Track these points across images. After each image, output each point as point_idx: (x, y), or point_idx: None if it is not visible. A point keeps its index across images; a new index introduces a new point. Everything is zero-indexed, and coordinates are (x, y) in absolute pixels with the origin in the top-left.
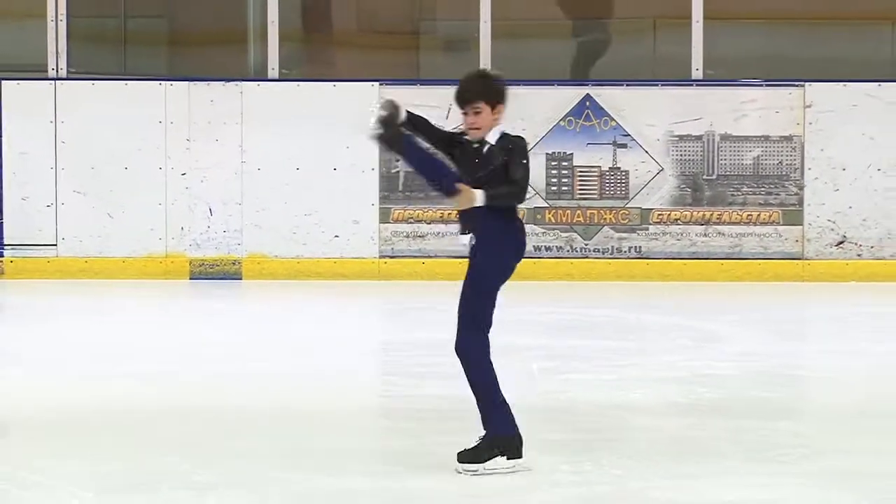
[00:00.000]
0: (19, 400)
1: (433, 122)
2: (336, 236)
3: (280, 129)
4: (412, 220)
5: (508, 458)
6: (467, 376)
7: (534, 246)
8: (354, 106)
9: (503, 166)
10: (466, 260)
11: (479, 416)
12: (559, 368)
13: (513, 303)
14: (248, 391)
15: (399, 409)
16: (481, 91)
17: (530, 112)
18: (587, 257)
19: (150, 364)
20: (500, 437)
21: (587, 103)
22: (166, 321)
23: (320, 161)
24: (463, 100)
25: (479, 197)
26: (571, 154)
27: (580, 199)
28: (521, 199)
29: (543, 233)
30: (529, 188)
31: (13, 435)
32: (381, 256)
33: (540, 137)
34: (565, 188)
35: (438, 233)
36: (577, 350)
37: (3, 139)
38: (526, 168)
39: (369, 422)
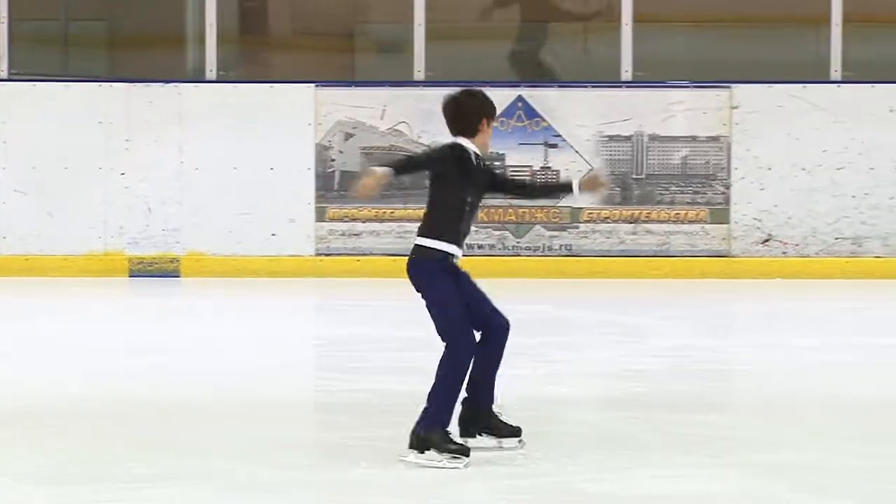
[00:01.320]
0: None
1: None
2: (273, 234)
3: (218, 130)
4: (347, 219)
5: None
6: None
7: (466, 244)
8: (291, 107)
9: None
10: (399, 258)
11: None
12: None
13: None
14: (188, 386)
15: (334, 403)
16: (484, 110)
17: None
18: (519, 255)
19: (90, 360)
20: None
21: (519, 104)
22: (106, 318)
23: (258, 161)
24: (472, 121)
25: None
26: (504, 154)
27: (512, 197)
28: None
29: (476, 231)
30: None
31: None
32: (318, 254)
33: None
34: None
35: (373, 231)
36: (508, 346)
37: None
38: (439, 153)
39: (306, 415)
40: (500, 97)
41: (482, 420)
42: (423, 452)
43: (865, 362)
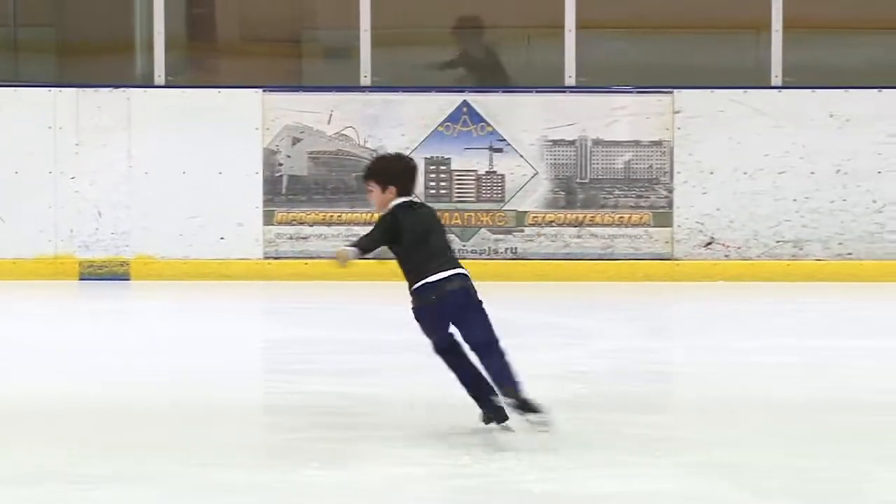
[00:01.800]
0: None
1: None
2: (222, 238)
3: (167, 135)
4: (295, 223)
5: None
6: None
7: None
8: (239, 112)
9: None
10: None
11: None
12: (435, 365)
13: (389, 302)
14: (136, 388)
15: (283, 406)
16: (371, 171)
17: (409, 117)
18: (465, 258)
19: (38, 362)
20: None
21: (464, 109)
22: (55, 321)
23: (206, 165)
24: (363, 178)
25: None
26: (449, 158)
27: (458, 201)
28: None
29: None
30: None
31: None
32: (266, 257)
33: (418, 142)
34: (443, 191)
35: (321, 234)
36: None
37: None
38: (378, 229)
39: (255, 417)
40: (445, 102)
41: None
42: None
43: (804, 363)
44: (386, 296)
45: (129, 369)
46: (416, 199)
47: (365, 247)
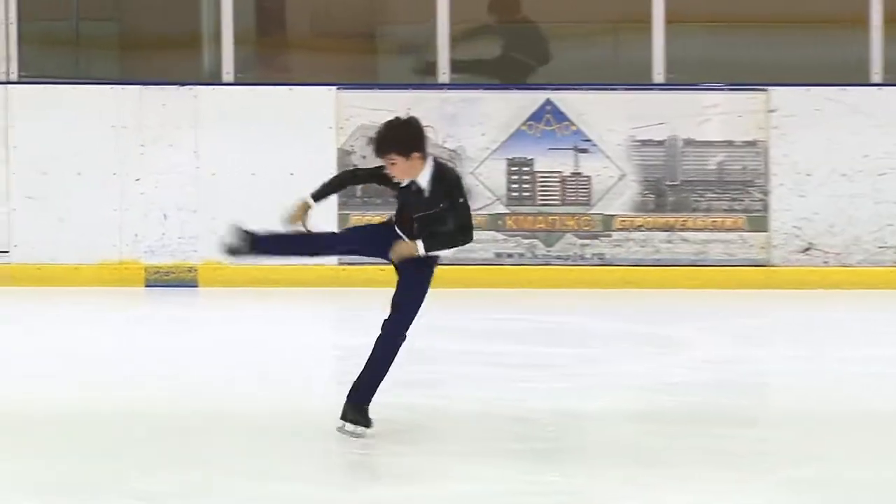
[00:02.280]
0: None
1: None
2: None
3: (235, 134)
4: None
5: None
6: (377, 352)
7: (495, 253)
8: (311, 110)
9: (448, 209)
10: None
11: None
12: (518, 376)
13: (473, 310)
14: (203, 399)
15: None
16: (391, 143)
17: (490, 116)
18: (549, 264)
19: (103, 371)
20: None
21: (547, 108)
22: (120, 329)
23: (277, 166)
24: (378, 152)
25: (419, 248)
26: (532, 159)
27: (542, 204)
28: (469, 239)
29: (504, 240)
30: (490, 194)
31: None
32: (340, 263)
33: (500, 142)
34: (526, 194)
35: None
36: (536, 358)
37: None
38: (467, 206)
39: (321, 430)
40: (527, 100)
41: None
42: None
43: None
44: (451, 304)
45: (195, 379)
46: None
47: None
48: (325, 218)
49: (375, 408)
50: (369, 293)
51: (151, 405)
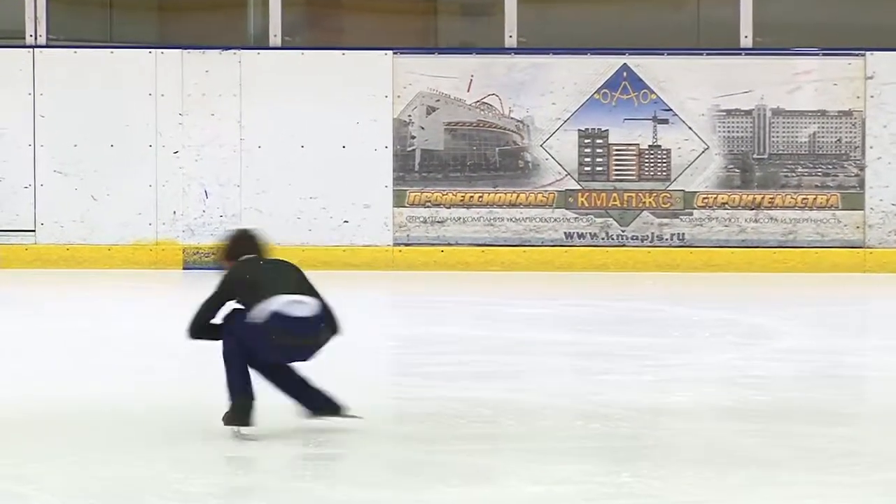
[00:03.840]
0: None
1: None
2: (345, 222)
3: (283, 103)
4: (430, 204)
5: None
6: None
7: (565, 233)
8: (366, 77)
9: None
10: (488, 248)
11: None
12: (593, 368)
13: (542, 295)
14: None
15: (412, 414)
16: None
17: (561, 84)
18: (624, 245)
19: (138, 362)
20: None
21: (624, 74)
22: (156, 316)
23: (328, 138)
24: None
25: None
26: (607, 131)
27: (616, 180)
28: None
29: (576, 218)
30: (560, 169)
31: None
32: (396, 244)
33: (571, 112)
34: (600, 169)
35: (459, 218)
36: (612, 347)
37: None
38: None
39: (381, 427)
40: (602, 66)
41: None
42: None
43: None
44: (518, 289)
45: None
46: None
47: None
48: (382, 196)
49: (440, 401)
50: (427, 277)
51: (194, 400)
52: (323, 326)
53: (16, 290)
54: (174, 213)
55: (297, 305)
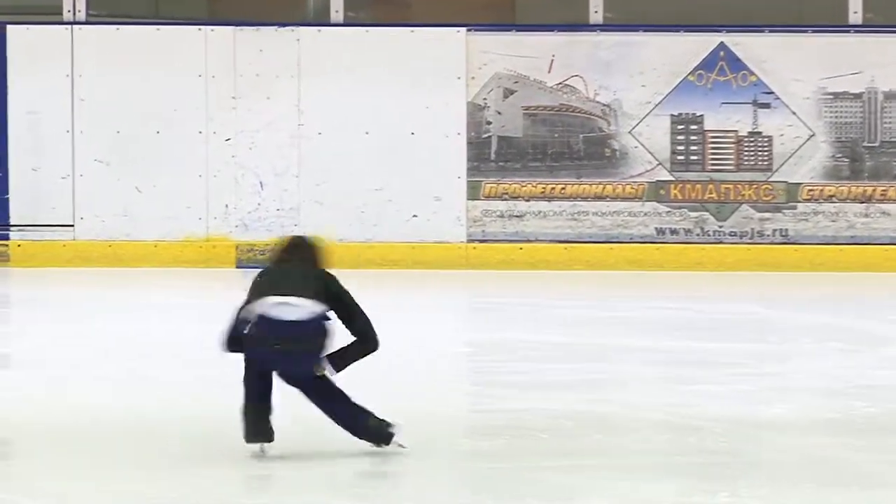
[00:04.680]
0: (25, 409)
1: None
2: (414, 216)
3: (345, 85)
4: (507, 197)
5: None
6: None
7: (656, 228)
8: (437, 57)
9: None
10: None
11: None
12: (685, 377)
13: (630, 297)
14: (306, 405)
15: (486, 426)
16: None
17: (652, 64)
18: (721, 242)
19: (185, 369)
20: None
21: (721, 53)
22: (207, 319)
23: (395, 124)
24: None
25: None
26: (702, 116)
27: (713, 170)
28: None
29: (668, 212)
30: (651, 158)
31: (16, 450)
32: (469, 240)
33: (664, 95)
34: (694, 158)
35: (539, 212)
36: (707, 354)
37: (9, 96)
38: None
39: (452, 441)
40: (697, 44)
41: None
42: None
43: None
44: (605, 290)
45: None
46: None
47: None
48: (454, 188)
49: (517, 413)
50: (503, 276)
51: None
52: (311, 333)
53: (52, 291)
54: (226, 206)
55: (283, 308)
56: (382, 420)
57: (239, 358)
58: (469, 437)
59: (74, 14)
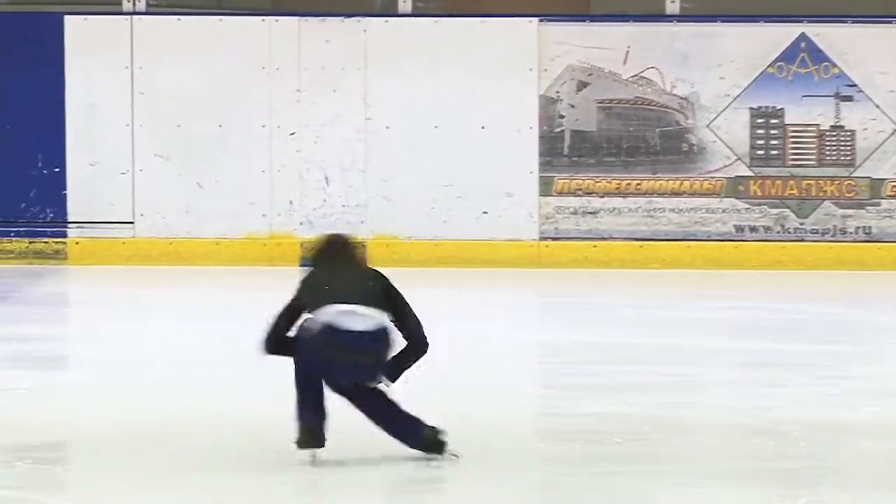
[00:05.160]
0: (81, 412)
1: None
2: (484, 213)
3: (413, 78)
4: (581, 193)
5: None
6: None
7: (735, 226)
8: (508, 48)
9: None
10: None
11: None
12: (764, 379)
13: (707, 297)
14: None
15: (556, 431)
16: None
17: (729, 56)
18: (802, 240)
19: (250, 371)
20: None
21: (802, 45)
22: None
23: (464, 117)
24: None
25: None
26: (782, 109)
27: (793, 165)
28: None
29: (747, 209)
30: (730, 153)
31: (72, 455)
32: (542, 238)
33: (742, 88)
34: (775, 153)
35: (614, 209)
36: (787, 356)
37: (67, 89)
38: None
39: (520, 445)
40: (777, 35)
41: None
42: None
43: None
44: (683, 290)
45: None
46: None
47: None
48: (526, 183)
49: (591, 417)
50: (577, 275)
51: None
52: (379, 345)
53: (111, 290)
54: (290, 202)
55: (350, 317)
56: (433, 428)
57: (282, 361)
58: (539, 442)
59: (134, 4)
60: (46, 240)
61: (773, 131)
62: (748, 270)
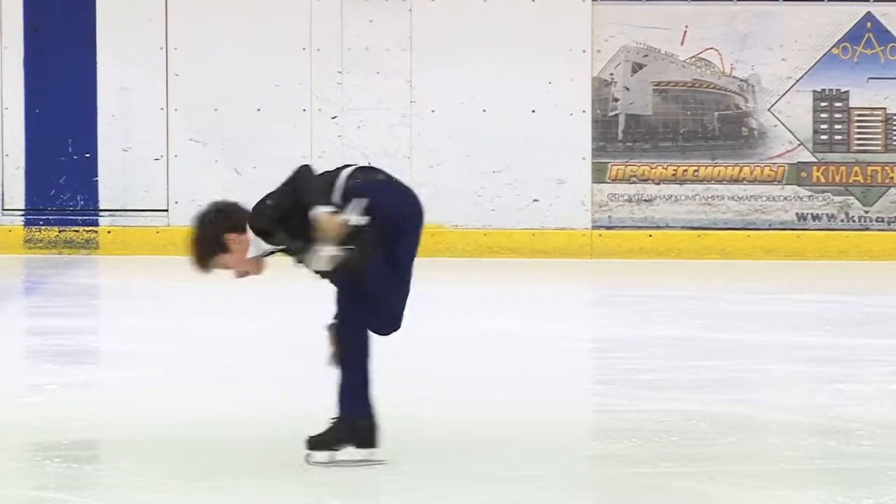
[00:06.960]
0: (110, 407)
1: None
2: (535, 200)
3: (460, 59)
4: (636, 180)
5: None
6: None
7: (797, 214)
8: (560, 28)
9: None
10: (704, 232)
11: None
12: (828, 375)
13: (768, 289)
14: (419, 400)
15: (612, 429)
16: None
17: (792, 36)
18: (867, 229)
19: (292, 365)
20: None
21: (868, 25)
22: (311, 309)
23: (514, 101)
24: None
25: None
26: (847, 92)
27: (858, 151)
28: None
29: (810, 197)
30: (792, 138)
31: (100, 453)
32: (595, 227)
33: (805, 70)
34: (839, 137)
35: (670, 196)
36: (852, 351)
37: (99, 71)
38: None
39: (573, 442)
40: (842, 15)
41: None
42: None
43: None
44: (741, 281)
45: (410, 375)
46: None
47: None
48: (578, 170)
49: (648, 415)
50: (631, 266)
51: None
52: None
53: (144, 281)
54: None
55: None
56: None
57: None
58: (593, 440)
59: None
60: (77, 228)
61: (837, 115)
62: (810, 261)
